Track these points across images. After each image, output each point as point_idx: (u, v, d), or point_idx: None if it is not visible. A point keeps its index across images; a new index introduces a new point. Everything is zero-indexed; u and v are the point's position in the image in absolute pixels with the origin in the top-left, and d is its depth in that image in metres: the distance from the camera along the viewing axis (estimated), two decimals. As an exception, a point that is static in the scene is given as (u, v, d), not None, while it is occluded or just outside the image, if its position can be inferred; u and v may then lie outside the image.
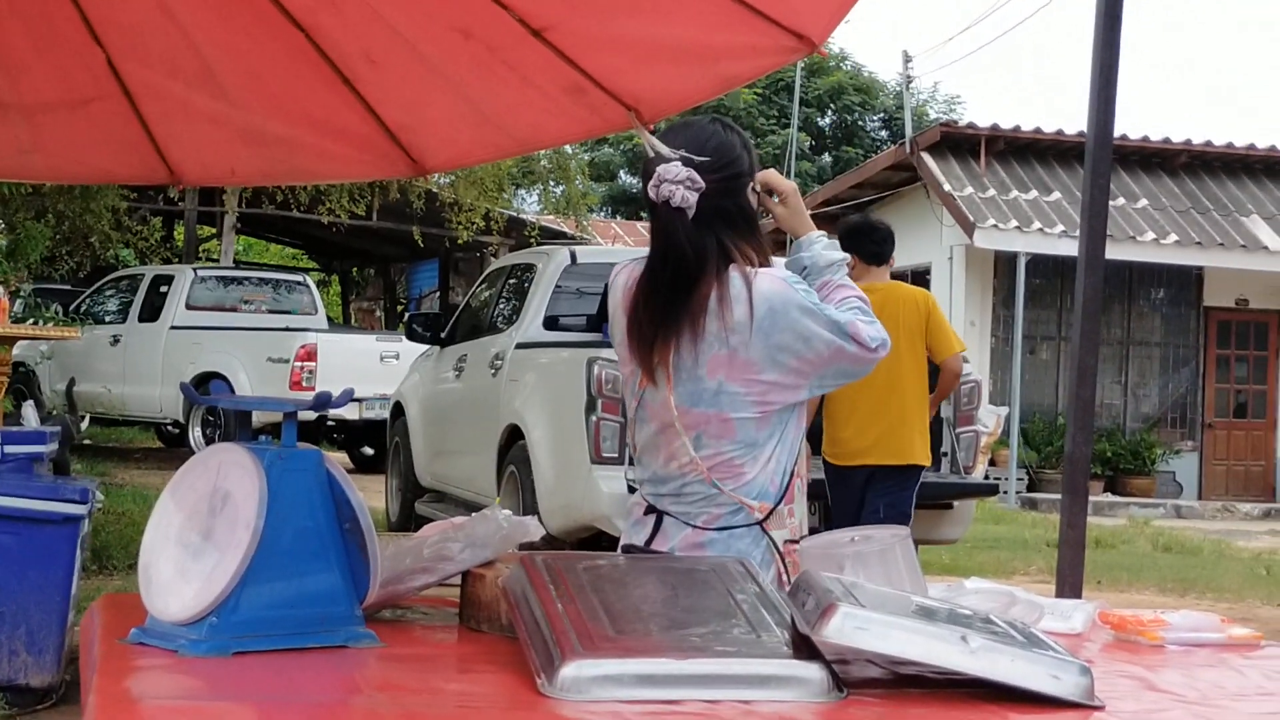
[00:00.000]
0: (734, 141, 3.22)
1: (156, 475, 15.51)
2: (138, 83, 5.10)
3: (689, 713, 2.12)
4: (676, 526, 3.17)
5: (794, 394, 3.13)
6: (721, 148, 3.18)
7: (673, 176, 3.07)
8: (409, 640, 2.67)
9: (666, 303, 3.11)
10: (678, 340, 3.09)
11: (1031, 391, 21.64)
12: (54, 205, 19.38)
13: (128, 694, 2.16)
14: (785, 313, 3.05)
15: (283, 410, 2.59)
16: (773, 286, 3.08)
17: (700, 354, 3.08)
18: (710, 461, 3.11)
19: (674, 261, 3.11)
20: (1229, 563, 14.09)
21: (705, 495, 3.14)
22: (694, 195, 3.08)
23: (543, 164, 25.80)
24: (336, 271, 37.19)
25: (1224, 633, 2.96)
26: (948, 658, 2.23)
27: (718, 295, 3.07)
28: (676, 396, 3.11)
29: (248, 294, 19.79)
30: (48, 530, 6.16)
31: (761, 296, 3.06)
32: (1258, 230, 21.61)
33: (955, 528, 9.79)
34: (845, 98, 44.19)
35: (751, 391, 3.08)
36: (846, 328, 3.09)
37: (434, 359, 12.72)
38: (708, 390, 3.09)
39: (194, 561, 2.44)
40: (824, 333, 3.07)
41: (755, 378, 3.08)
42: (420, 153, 5.28)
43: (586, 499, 8.79)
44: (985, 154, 22.05)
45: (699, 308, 3.07)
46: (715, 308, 3.07)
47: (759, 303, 3.05)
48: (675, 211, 3.08)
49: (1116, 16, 5.40)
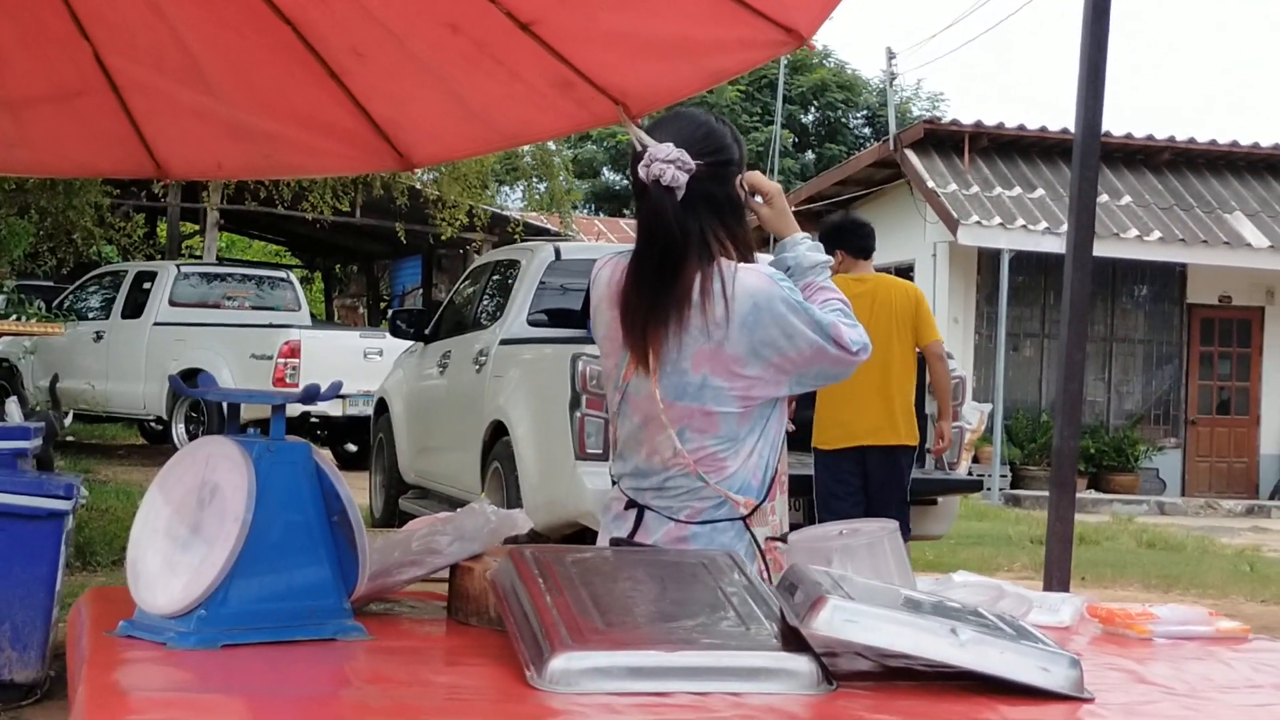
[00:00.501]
0: (724, 131, 3.24)
1: (140, 472, 15.48)
2: (124, 77, 5.09)
3: (678, 705, 2.12)
4: (659, 521, 3.16)
5: (775, 389, 3.14)
6: (712, 135, 3.21)
7: (664, 155, 3.09)
8: (397, 633, 2.67)
9: (654, 287, 3.11)
10: (665, 328, 3.09)
11: (1015, 388, 21.67)
12: (37, 202, 19.34)
13: (117, 686, 2.16)
14: (770, 308, 3.06)
15: (271, 403, 2.58)
16: (757, 282, 3.08)
17: (684, 346, 3.08)
18: (694, 455, 3.11)
19: (661, 241, 3.12)
20: (1212, 559, 14.12)
21: (689, 489, 3.14)
22: (684, 176, 3.09)
23: (526, 160, 25.79)
24: (320, 268, 37.14)
25: (1212, 626, 2.97)
26: (937, 650, 2.24)
27: (701, 287, 3.07)
28: (661, 389, 3.11)
29: (231, 290, 19.74)
30: (32, 526, 6.14)
31: (745, 292, 3.06)
32: (1241, 227, 21.66)
33: (939, 524, 9.82)
34: (829, 95, 44.23)
35: (735, 386, 3.09)
36: (829, 329, 3.10)
37: (418, 355, 12.70)
38: (692, 384, 3.09)
39: (182, 554, 2.44)
40: (808, 332, 3.08)
41: (739, 372, 3.08)
42: (407, 147, 5.28)
43: (571, 495, 8.78)
44: (969, 151, 22.07)
45: (684, 294, 3.07)
46: (698, 300, 3.07)
47: (743, 298, 3.05)
48: (665, 191, 3.10)
49: (1104, 11, 5.41)
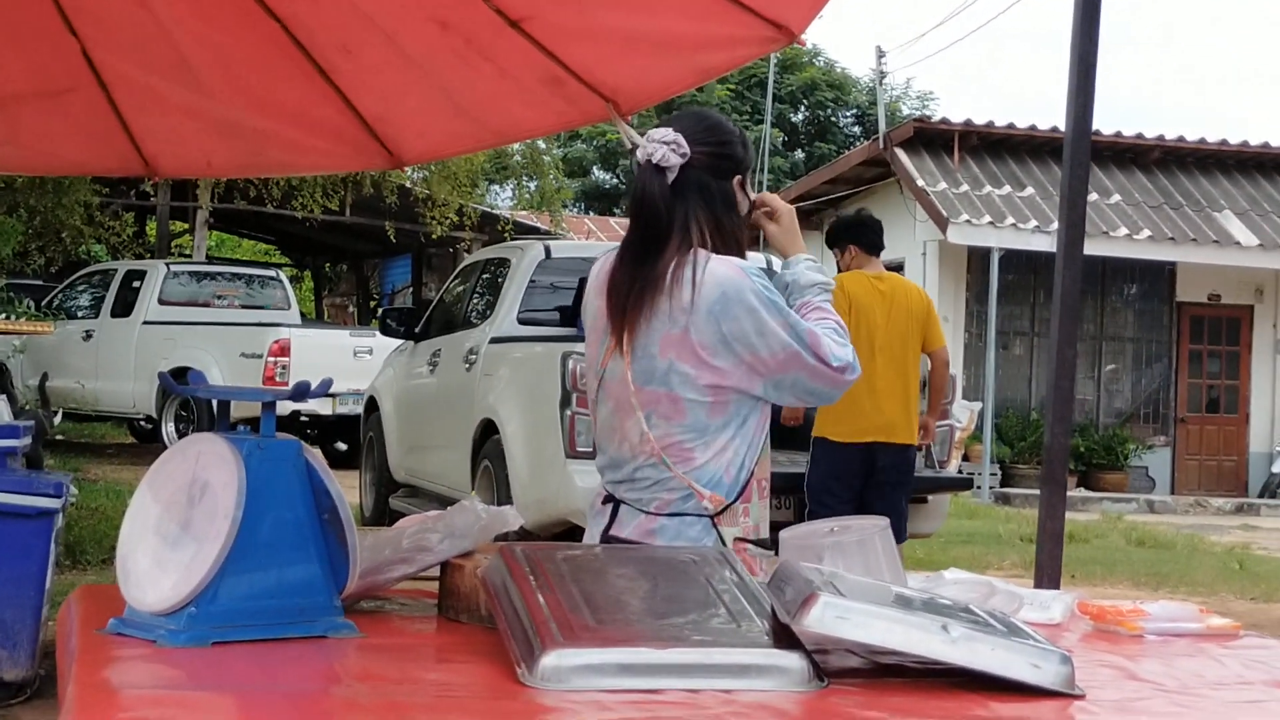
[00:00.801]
0: (732, 130, 3.28)
1: (129, 470, 15.46)
2: (113, 74, 5.08)
3: (670, 702, 2.12)
4: (631, 514, 3.18)
5: (749, 387, 3.13)
6: (716, 129, 3.24)
7: (660, 137, 3.14)
8: (388, 630, 2.66)
9: (635, 268, 3.14)
10: (640, 310, 3.11)
11: (1005, 387, 21.70)
12: (26, 200, 19.32)
13: (107, 684, 2.15)
14: (740, 299, 3.05)
15: (261, 400, 2.58)
16: (728, 272, 3.08)
17: (654, 330, 3.10)
18: (661, 443, 3.13)
19: (646, 218, 3.16)
20: (1202, 557, 14.14)
21: (657, 480, 3.14)
22: (676, 158, 3.12)
23: (516, 159, 25.81)
24: (309, 267, 37.10)
25: (1202, 623, 2.97)
26: (928, 647, 2.24)
27: (675, 273, 3.09)
28: (633, 373, 3.13)
29: (220, 289, 19.72)
30: (22, 524, 6.13)
31: (715, 280, 3.07)
32: (1230, 226, 21.68)
33: (930, 522, 9.83)
34: (818, 93, 44.26)
35: (702, 375, 3.09)
36: (806, 336, 3.09)
37: (408, 354, 12.69)
38: (659, 368, 3.11)
39: (172, 552, 2.43)
40: (780, 332, 3.07)
41: (707, 360, 3.08)
42: (397, 145, 5.28)
43: (561, 493, 8.77)
44: (959, 150, 22.09)
45: (660, 276, 3.10)
46: (670, 285, 3.09)
47: (711, 286, 3.06)
48: (655, 171, 3.14)
49: (1095, 9, 5.41)
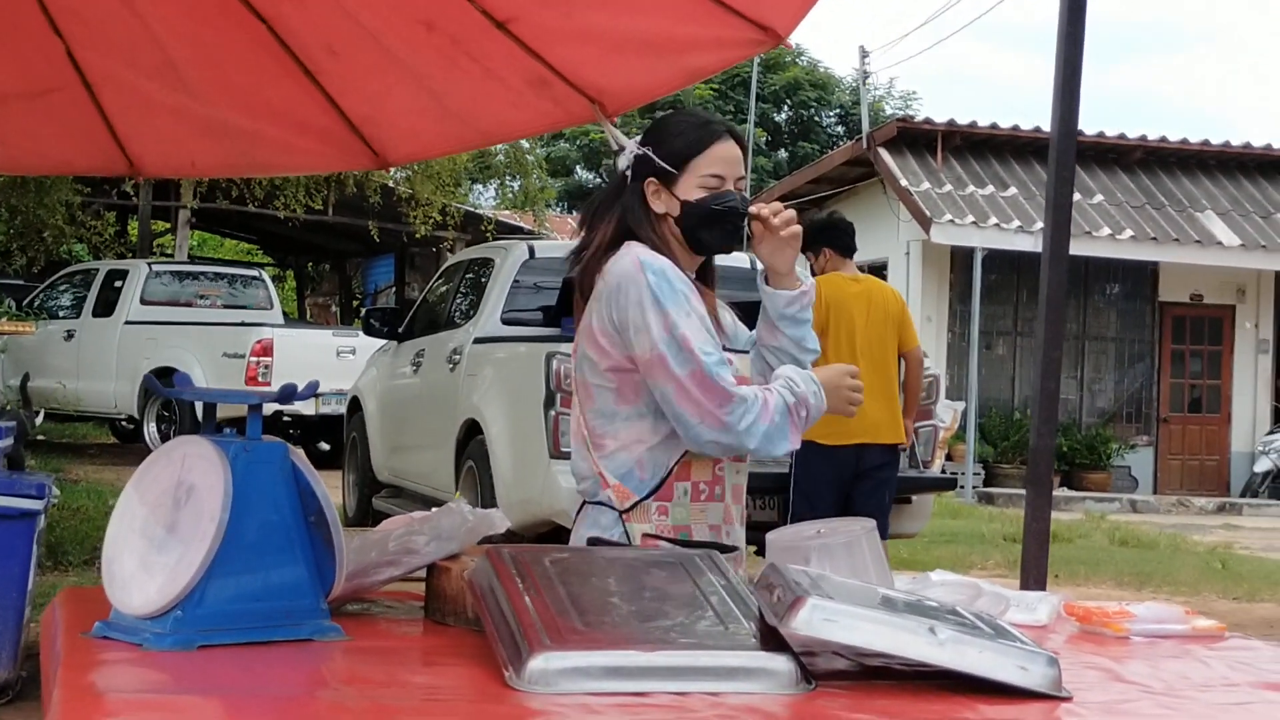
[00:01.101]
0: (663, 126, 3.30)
1: (111, 471, 15.42)
2: (97, 73, 5.07)
3: (657, 705, 2.12)
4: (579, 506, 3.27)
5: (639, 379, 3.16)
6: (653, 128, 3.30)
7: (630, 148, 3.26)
8: (374, 633, 2.66)
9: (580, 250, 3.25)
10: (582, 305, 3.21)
11: (988, 386, 21.74)
12: (7, 199, 19.27)
13: (92, 687, 2.15)
14: (628, 290, 3.08)
15: (248, 402, 2.57)
16: (629, 264, 3.11)
17: (582, 319, 3.20)
18: (583, 429, 3.20)
19: (592, 203, 3.31)
20: (1185, 556, 14.17)
21: (583, 466, 3.21)
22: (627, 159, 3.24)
23: (499, 159, 25.78)
24: (292, 267, 37.05)
25: (1188, 624, 2.97)
26: (916, 649, 2.24)
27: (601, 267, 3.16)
28: (574, 362, 3.24)
29: (203, 289, 19.68)
30: (4, 525, 6.10)
31: (616, 269, 3.12)
32: (1212, 226, 21.73)
33: (914, 522, 9.82)
34: (801, 93, 44.26)
35: (601, 360, 3.14)
36: (690, 356, 3.03)
37: (391, 354, 12.67)
38: (578, 354, 3.21)
39: (158, 554, 2.43)
40: (656, 330, 3.05)
41: (603, 345, 3.13)
42: (382, 145, 5.27)
43: (545, 494, 8.76)
44: (942, 149, 22.12)
45: (594, 263, 3.18)
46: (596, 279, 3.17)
47: (611, 274, 3.12)
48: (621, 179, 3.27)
49: (1081, 11, 5.41)
